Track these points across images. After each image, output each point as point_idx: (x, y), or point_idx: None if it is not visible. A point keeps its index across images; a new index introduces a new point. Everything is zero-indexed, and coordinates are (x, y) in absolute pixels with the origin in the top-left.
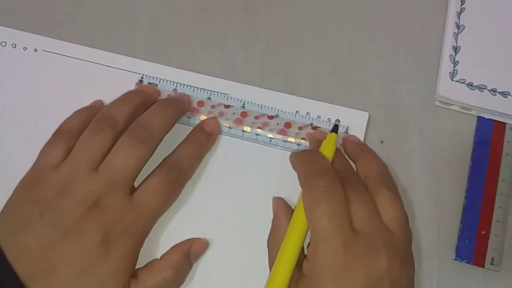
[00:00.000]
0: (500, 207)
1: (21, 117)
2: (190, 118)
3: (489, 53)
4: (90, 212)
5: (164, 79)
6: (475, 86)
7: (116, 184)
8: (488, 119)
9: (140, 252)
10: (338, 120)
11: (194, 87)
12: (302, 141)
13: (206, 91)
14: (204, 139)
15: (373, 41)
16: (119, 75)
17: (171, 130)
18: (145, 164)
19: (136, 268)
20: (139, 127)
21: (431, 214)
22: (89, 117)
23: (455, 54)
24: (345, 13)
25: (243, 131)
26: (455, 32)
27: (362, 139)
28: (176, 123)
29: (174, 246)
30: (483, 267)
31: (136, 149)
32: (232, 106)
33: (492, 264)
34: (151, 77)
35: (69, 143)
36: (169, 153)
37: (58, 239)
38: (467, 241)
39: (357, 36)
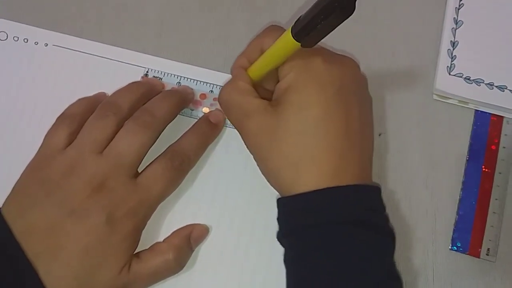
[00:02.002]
0: (496, 199)
1: (32, 109)
2: (193, 110)
3: (486, 47)
4: (95, 193)
5: (168, 73)
6: (473, 80)
7: (121, 168)
8: (485, 112)
9: (144, 236)
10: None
11: (197, 80)
12: None
13: (208, 84)
14: (208, 129)
15: (372, 37)
16: (126, 69)
17: (174, 122)
18: (148, 150)
19: (139, 250)
20: (143, 113)
21: (428, 206)
22: (92, 105)
23: (453, 49)
24: None
25: None
26: (453, 28)
27: None
28: (179, 115)
29: (175, 230)
30: (479, 257)
31: (140, 135)
32: None
33: (487, 255)
34: (156, 71)
35: (73, 127)
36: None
37: (64, 218)
38: (463, 232)
39: (357, 31)
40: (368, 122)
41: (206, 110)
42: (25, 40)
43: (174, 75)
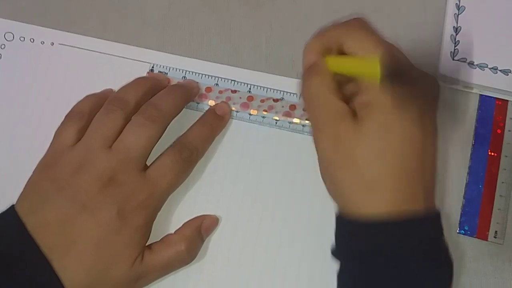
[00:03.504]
0: (503, 182)
1: (41, 108)
2: (198, 103)
3: (489, 32)
4: (105, 187)
5: (173, 68)
6: (476, 65)
7: (129, 161)
8: (490, 97)
9: (154, 228)
10: None
11: (202, 74)
12: (307, 121)
13: (213, 77)
14: (215, 121)
15: (376, 24)
16: (131, 65)
17: (181, 116)
18: (155, 143)
19: (150, 242)
20: (149, 107)
21: (435, 191)
22: (100, 101)
23: (456, 34)
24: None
25: (250, 114)
26: (455, 13)
27: None
28: (185, 109)
29: (186, 222)
30: (487, 240)
31: (147, 128)
32: (239, 91)
33: (495, 237)
34: (161, 66)
35: (81, 124)
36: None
37: (75, 213)
38: (470, 215)
39: None
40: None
41: (212, 103)
42: (32, 40)
43: (179, 69)
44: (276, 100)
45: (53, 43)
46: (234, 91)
